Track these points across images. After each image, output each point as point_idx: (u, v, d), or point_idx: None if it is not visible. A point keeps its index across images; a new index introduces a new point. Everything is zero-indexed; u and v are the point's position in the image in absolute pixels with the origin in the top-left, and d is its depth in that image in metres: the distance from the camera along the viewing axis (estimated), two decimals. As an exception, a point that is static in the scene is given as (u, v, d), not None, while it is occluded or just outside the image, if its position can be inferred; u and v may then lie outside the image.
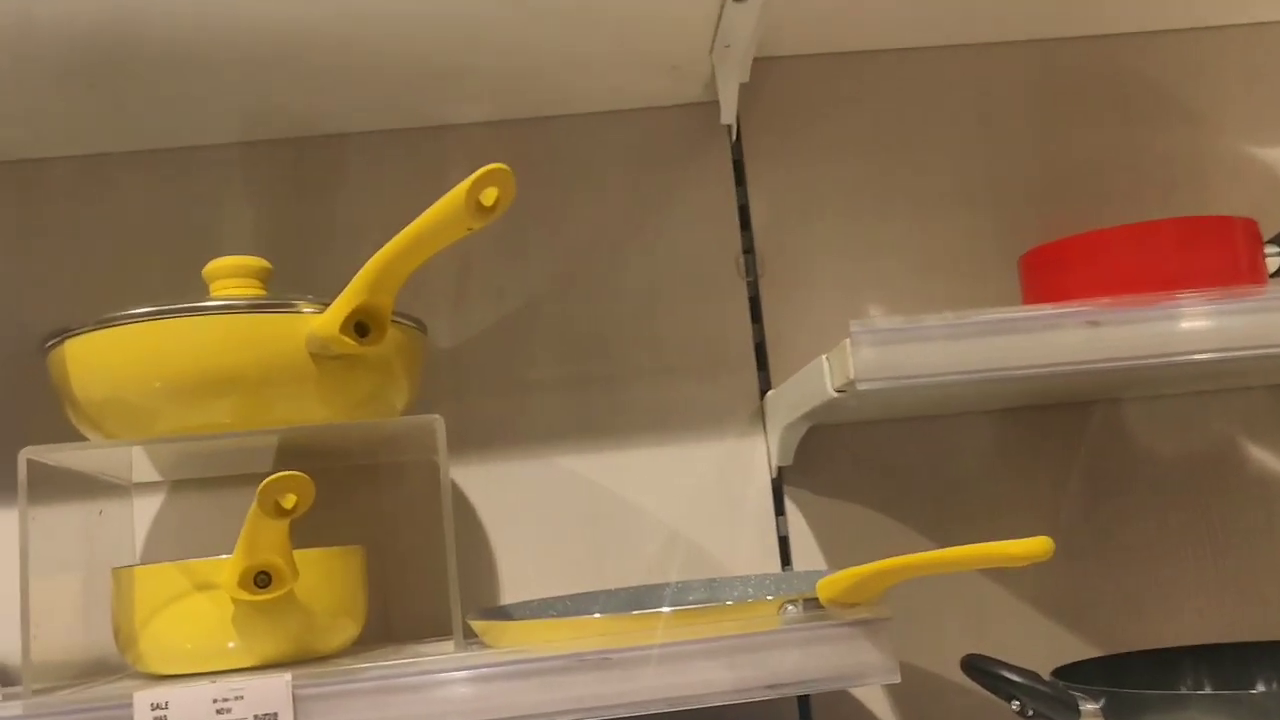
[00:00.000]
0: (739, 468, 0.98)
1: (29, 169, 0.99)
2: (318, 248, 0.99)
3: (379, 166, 1.01)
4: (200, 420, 0.75)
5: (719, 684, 0.66)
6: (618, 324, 1.00)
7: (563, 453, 0.98)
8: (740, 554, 0.97)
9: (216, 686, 0.63)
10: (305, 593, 0.76)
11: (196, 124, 0.98)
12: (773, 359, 1.00)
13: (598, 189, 1.02)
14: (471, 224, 0.66)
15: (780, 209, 1.02)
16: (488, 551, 0.96)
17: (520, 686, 0.65)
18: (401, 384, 0.81)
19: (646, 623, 0.68)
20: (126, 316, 0.74)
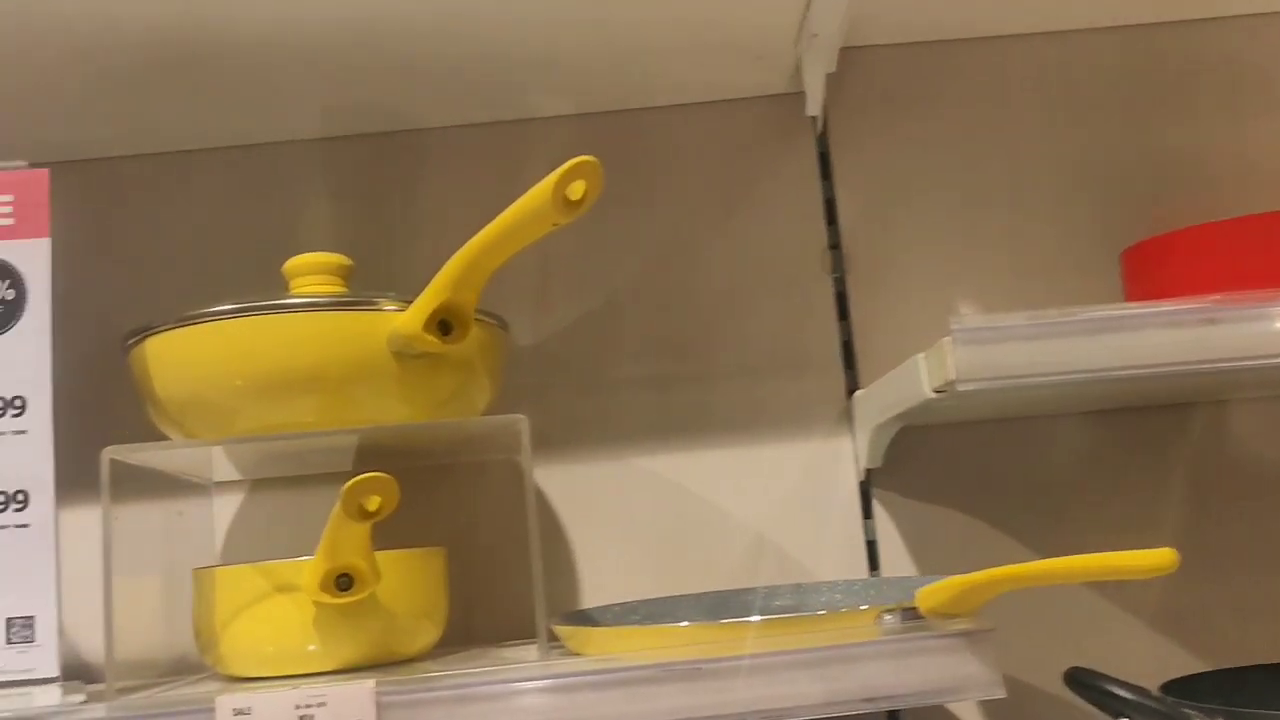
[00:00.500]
0: (825, 469, 0.95)
1: (110, 167, 0.99)
2: (399, 244, 0.98)
3: (460, 161, 0.99)
4: (281, 419, 0.74)
5: (812, 696, 0.63)
6: (701, 322, 0.97)
7: (645, 453, 0.95)
8: (826, 558, 0.94)
9: (299, 693, 0.62)
10: (387, 595, 0.74)
11: (276, 120, 0.97)
12: (860, 357, 0.97)
13: (680, 182, 0.99)
14: (558, 219, 0.64)
15: (867, 203, 0.99)
16: (568, 553, 0.94)
17: (605, 697, 0.63)
18: (484, 383, 0.80)
19: (736, 632, 0.66)
20: (207, 314, 0.73)
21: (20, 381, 0.71)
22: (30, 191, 0.74)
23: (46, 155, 0.95)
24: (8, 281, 0.72)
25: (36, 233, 0.73)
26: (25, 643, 0.69)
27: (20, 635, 0.69)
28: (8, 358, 0.71)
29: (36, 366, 0.71)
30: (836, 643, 0.63)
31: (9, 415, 0.71)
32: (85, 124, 0.94)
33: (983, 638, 0.62)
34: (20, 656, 0.69)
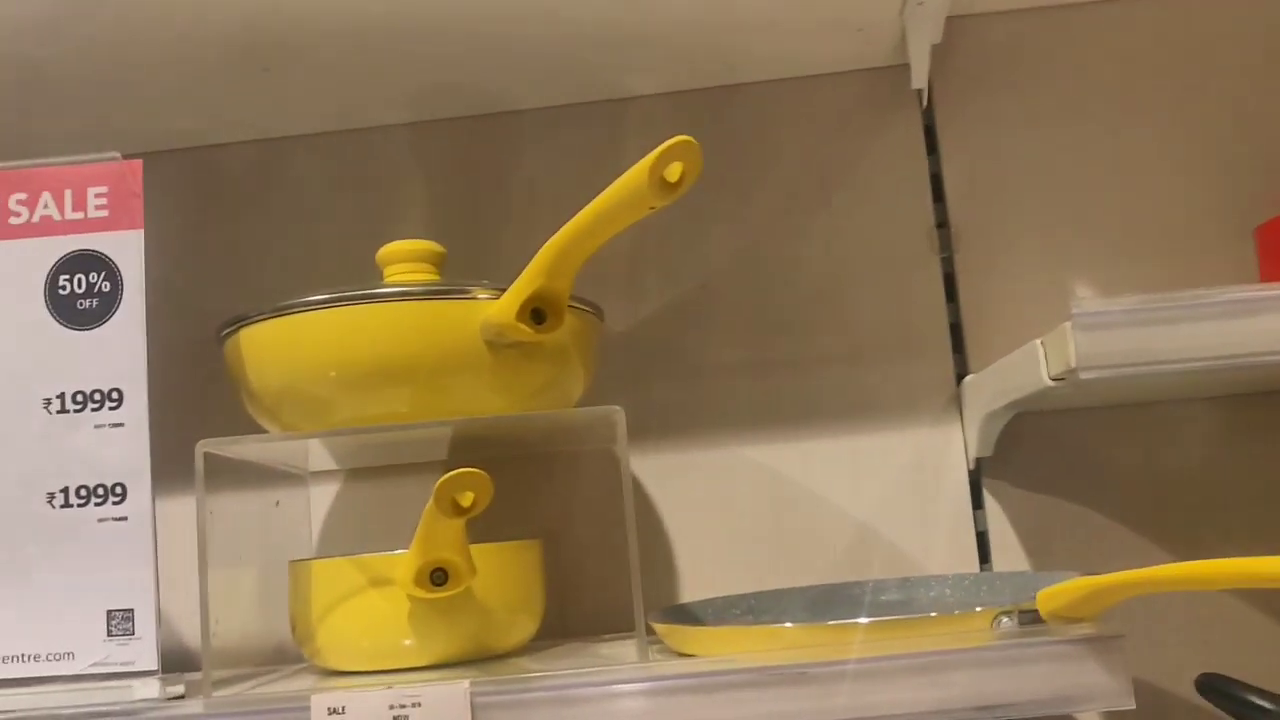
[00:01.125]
0: (933, 458, 0.91)
1: (204, 156, 0.99)
2: (491, 229, 0.96)
3: (553, 143, 0.97)
4: (376, 410, 0.73)
5: (923, 703, 0.60)
6: (802, 305, 0.94)
7: (744, 441, 0.93)
8: (935, 551, 0.90)
9: (394, 693, 0.61)
10: (482, 589, 0.73)
11: (368, 105, 0.96)
12: (970, 341, 0.92)
13: (780, 161, 0.96)
14: (655, 202, 0.61)
15: (976, 179, 0.94)
16: (665, 544, 0.92)
17: (707, 700, 0.60)
18: (578, 372, 0.78)
19: (843, 633, 0.63)
20: (300, 304, 0.72)
21: (116, 374, 0.71)
22: (124, 183, 0.73)
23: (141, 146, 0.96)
24: (103, 273, 0.72)
25: (131, 224, 0.73)
26: (125, 635, 0.69)
27: (120, 628, 0.69)
28: (104, 350, 0.71)
29: (132, 359, 0.71)
30: (949, 647, 0.60)
31: (106, 408, 0.70)
32: (179, 114, 0.94)
33: (1110, 644, 0.58)
34: (121, 649, 0.69)
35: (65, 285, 0.72)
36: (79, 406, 0.71)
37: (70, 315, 0.71)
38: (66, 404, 0.71)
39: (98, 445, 0.70)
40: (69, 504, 0.70)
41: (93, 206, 0.73)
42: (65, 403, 0.71)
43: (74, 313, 0.71)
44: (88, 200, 0.73)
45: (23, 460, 0.70)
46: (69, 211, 0.73)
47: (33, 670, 0.69)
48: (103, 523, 0.70)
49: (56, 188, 0.73)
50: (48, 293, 0.72)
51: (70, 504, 0.70)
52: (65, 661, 0.69)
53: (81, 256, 0.72)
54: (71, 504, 0.70)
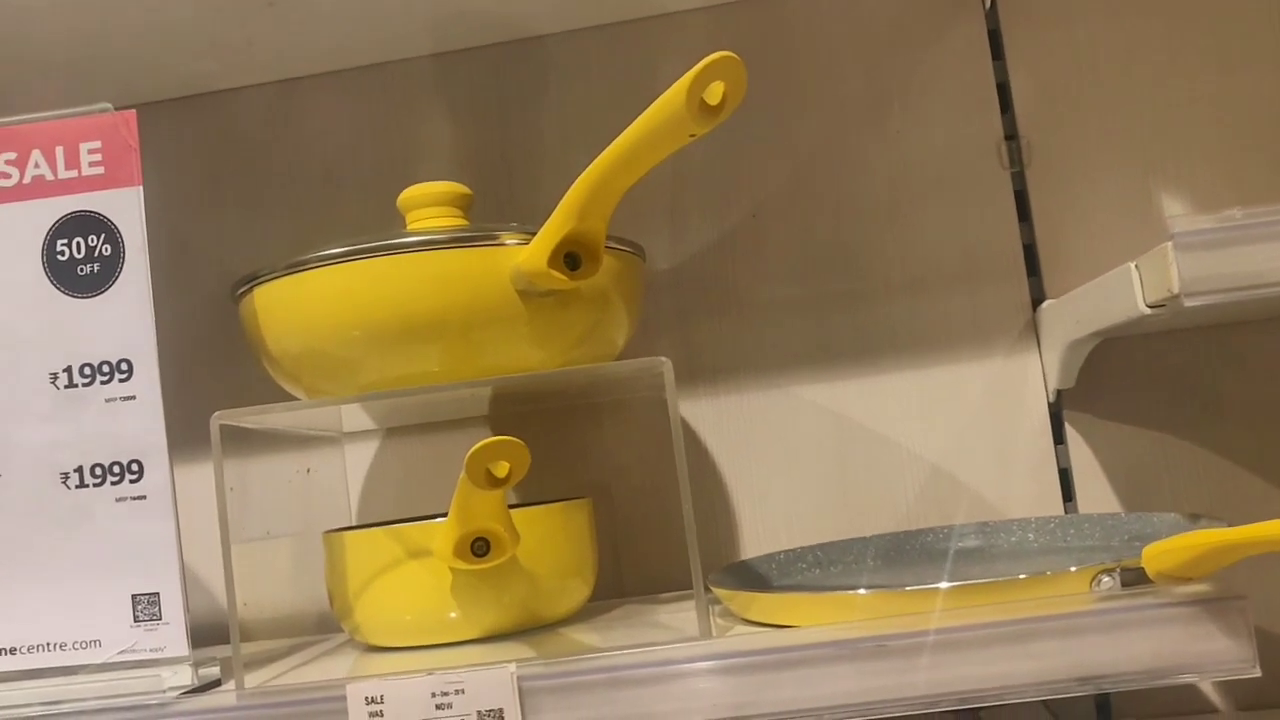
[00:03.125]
0: (1009, 391, 0.84)
1: (220, 101, 0.94)
2: (522, 165, 0.90)
3: (584, 69, 0.90)
4: (404, 369, 0.67)
5: (1016, 676, 0.54)
6: (860, 231, 0.87)
7: (802, 381, 0.86)
8: (1014, 492, 0.84)
9: (435, 679, 0.56)
10: (528, 556, 0.68)
11: (385, 37, 0.89)
12: (1045, 263, 0.85)
13: (831, 76, 0.88)
14: (695, 129, 0.55)
15: (1047, 84, 0.86)
16: (723, 495, 0.86)
17: (775, 679, 0.55)
18: (621, 317, 0.72)
19: (924, 600, 0.57)
20: (315, 259, 0.67)
21: (124, 343, 0.66)
22: (119, 136, 0.67)
23: (149, 94, 0.91)
24: (102, 235, 0.66)
25: (128, 180, 0.67)
26: (152, 620, 0.65)
27: (146, 613, 0.65)
28: (109, 319, 0.66)
29: (140, 326, 0.66)
30: (1044, 613, 0.54)
31: (116, 380, 0.66)
32: (190, 57, 0.88)
33: (1231, 606, 0.52)
34: (149, 635, 0.65)
35: (64, 250, 0.66)
36: (87, 380, 0.66)
37: (71, 282, 0.66)
38: (74, 378, 0.66)
39: (109, 420, 0.65)
40: (84, 483, 0.65)
41: (87, 163, 0.67)
42: (73, 376, 0.66)
43: (75, 279, 0.66)
44: (81, 157, 0.67)
45: (33, 439, 0.66)
46: (62, 170, 0.67)
47: (60, 659, 0.65)
48: (121, 502, 0.65)
49: (47, 145, 0.67)
50: (46, 259, 0.66)
51: (85, 483, 0.65)
52: (92, 650, 0.65)
53: (79, 218, 0.67)
54: (87, 483, 0.65)
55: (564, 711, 0.55)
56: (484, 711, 0.55)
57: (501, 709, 0.55)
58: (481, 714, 0.55)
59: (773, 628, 0.61)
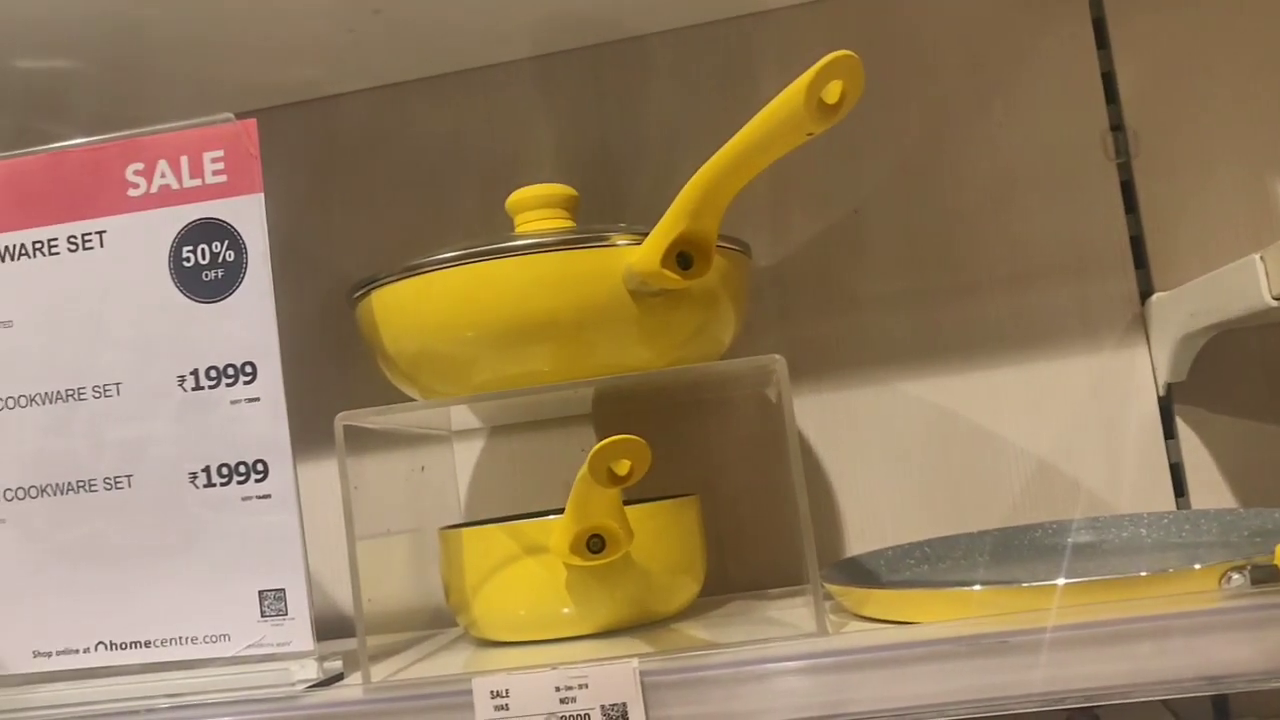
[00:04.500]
0: (1116, 386, 0.83)
1: (325, 107, 0.96)
2: (625, 165, 0.90)
3: (684, 68, 0.90)
4: (517, 369, 0.68)
5: (1142, 675, 0.53)
6: (964, 225, 0.86)
7: (906, 376, 0.86)
8: (1123, 487, 0.82)
9: (559, 674, 0.57)
10: (641, 552, 0.69)
11: (487, 41, 0.91)
12: (1153, 256, 0.84)
13: (933, 69, 0.87)
14: (812, 128, 0.55)
15: (1155, 72, 0.85)
16: (826, 491, 0.86)
17: (896, 675, 0.55)
18: (728, 316, 0.72)
19: (1043, 596, 0.57)
20: (431, 262, 0.68)
21: (248, 347, 0.68)
22: (240, 145, 0.69)
23: (256, 102, 0.93)
24: (226, 242, 0.68)
25: (250, 188, 0.69)
26: (278, 615, 0.67)
27: (273, 609, 0.67)
28: (233, 322, 0.68)
29: (262, 329, 0.68)
30: (1173, 611, 0.53)
31: (240, 383, 0.68)
32: (295, 64, 0.90)
33: (1369, 605, 0.51)
34: (275, 630, 0.67)
35: (189, 257, 0.69)
36: (213, 383, 0.68)
37: (196, 288, 0.68)
38: (201, 381, 0.68)
39: (235, 422, 0.67)
40: (211, 483, 0.68)
41: (210, 172, 0.69)
42: (199, 379, 0.68)
43: (200, 285, 0.68)
44: (204, 166, 0.69)
45: (163, 441, 0.68)
46: (187, 179, 0.69)
47: (190, 653, 0.67)
48: (246, 501, 0.67)
49: (172, 155, 0.70)
50: (172, 266, 0.69)
51: (213, 483, 0.68)
52: (221, 643, 0.67)
53: (203, 226, 0.69)
54: (214, 483, 0.68)
55: (687, 706, 0.56)
56: (607, 706, 0.56)
57: (625, 703, 0.56)
58: (605, 708, 0.56)
59: (888, 624, 0.61)
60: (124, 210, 0.70)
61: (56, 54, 0.85)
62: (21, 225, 0.71)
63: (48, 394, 0.70)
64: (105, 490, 0.69)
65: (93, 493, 0.69)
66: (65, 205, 0.71)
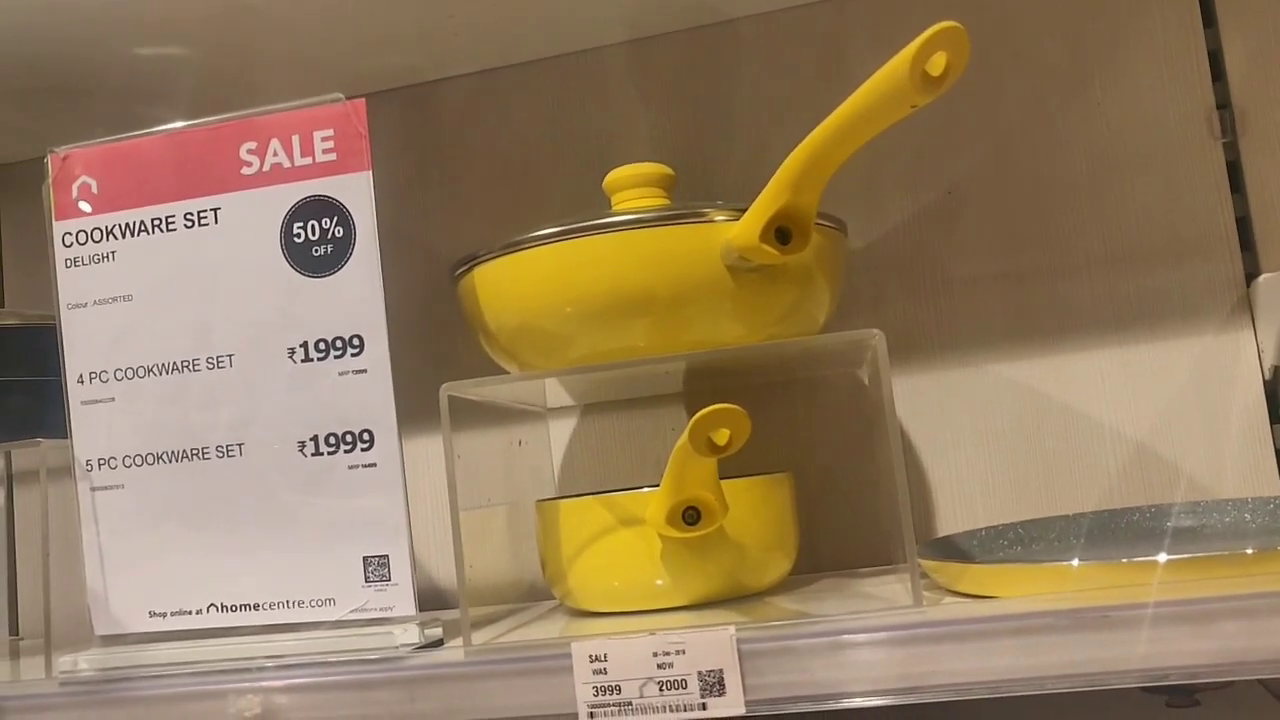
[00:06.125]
0: (1220, 369, 0.82)
1: (424, 93, 0.98)
2: (717, 147, 0.91)
3: (775, 51, 0.91)
4: (614, 344, 0.69)
5: (1247, 653, 0.53)
6: (1060, 206, 0.85)
7: (1000, 359, 0.85)
8: (1226, 472, 0.81)
9: (656, 639, 0.58)
10: (735, 526, 0.69)
11: (582, 27, 0.92)
12: (1260, 236, 0.82)
13: (1031, 47, 0.87)
14: (916, 99, 0.55)
15: (1262, 49, 0.83)
16: (919, 472, 0.86)
17: (996, 647, 0.55)
18: (823, 293, 0.72)
19: (1142, 572, 0.57)
20: (531, 239, 0.70)
21: (356, 320, 0.70)
22: (349, 124, 0.71)
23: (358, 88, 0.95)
24: (335, 218, 0.71)
25: (359, 166, 0.71)
26: (382, 581, 0.68)
27: (377, 574, 0.69)
28: (342, 296, 0.70)
29: (370, 303, 0.70)
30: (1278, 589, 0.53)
31: (348, 355, 0.70)
32: (396, 50, 0.92)
33: None
34: (379, 595, 0.68)
35: (299, 233, 0.71)
36: (322, 355, 0.70)
37: (307, 263, 0.71)
38: (310, 353, 0.70)
39: (342, 393, 0.69)
40: (319, 452, 0.70)
41: (320, 150, 0.71)
42: (309, 351, 0.70)
43: (310, 260, 0.71)
44: (315, 144, 0.71)
45: (274, 411, 0.70)
46: (298, 157, 0.71)
47: (297, 616, 0.69)
48: (353, 469, 0.69)
49: (284, 134, 0.72)
50: (284, 241, 0.71)
51: (321, 452, 0.70)
52: (327, 607, 0.69)
53: (314, 203, 0.71)
54: (322, 452, 0.70)
55: (783, 674, 0.57)
56: (704, 672, 0.57)
57: (722, 669, 0.57)
58: (702, 674, 0.57)
59: (983, 599, 0.61)
60: (238, 188, 0.72)
61: (168, 41, 0.88)
62: (141, 203, 0.74)
63: (165, 365, 0.73)
64: (218, 458, 0.71)
65: (205, 460, 0.72)
66: (182, 183, 0.73)
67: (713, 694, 0.57)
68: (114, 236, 0.74)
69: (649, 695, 0.57)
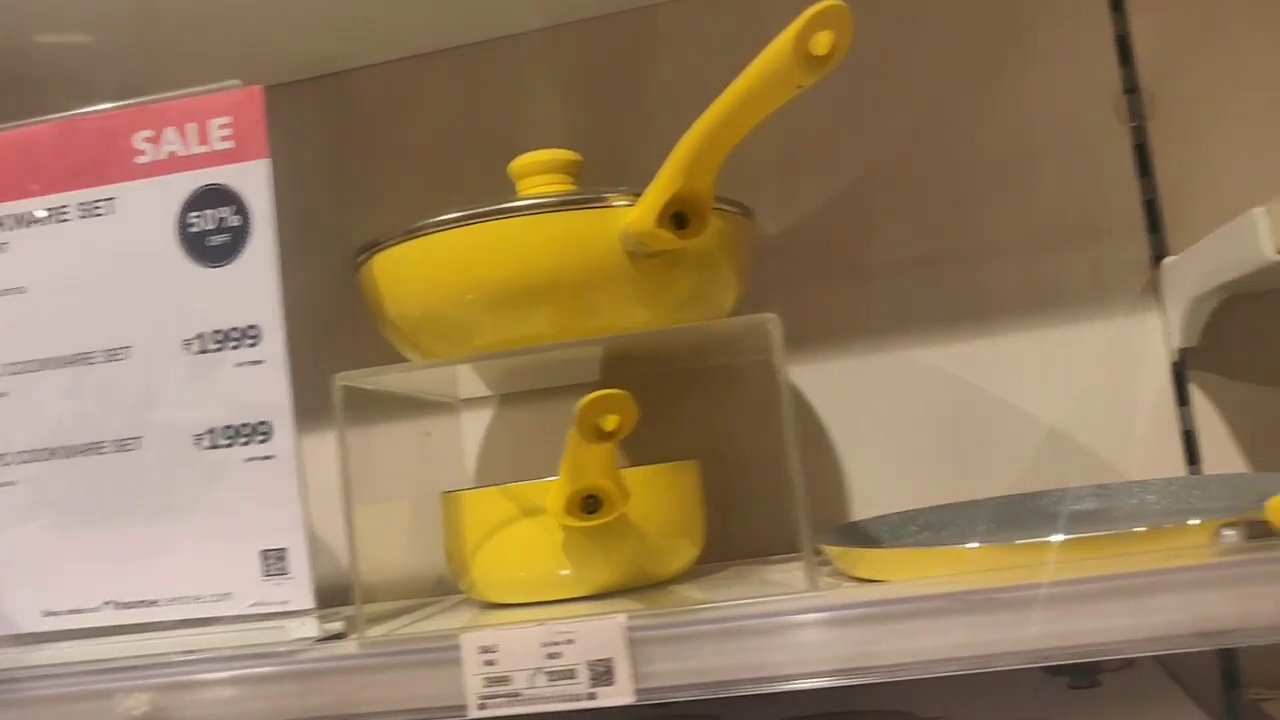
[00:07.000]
0: (1128, 351, 0.82)
1: (338, 82, 0.97)
2: (634, 133, 0.90)
3: (692, 37, 0.90)
4: (518, 331, 0.69)
5: (1134, 630, 0.53)
6: (973, 190, 0.85)
7: (914, 344, 0.85)
8: (1134, 454, 0.81)
9: (545, 629, 0.57)
10: (639, 514, 0.69)
11: (498, 13, 0.91)
12: (1168, 218, 0.82)
13: (944, 32, 0.87)
14: (801, 80, 0.54)
15: (1170, 32, 0.83)
16: (833, 458, 0.86)
17: (885, 631, 0.55)
18: (728, 278, 0.72)
19: (1037, 553, 0.56)
20: (431, 225, 0.69)
21: (252, 310, 0.68)
22: (247, 111, 0.70)
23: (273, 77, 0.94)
24: (233, 207, 0.69)
25: (257, 154, 0.70)
26: (280, 575, 0.67)
27: (274, 568, 0.67)
28: (238, 286, 0.69)
29: (267, 294, 0.68)
30: (1163, 566, 0.53)
31: (245, 345, 0.68)
32: (309, 38, 0.91)
33: (1359, 559, 0.50)
34: (276, 589, 0.67)
35: (195, 222, 0.69)
36: (218, 346, 0.69)
37: (202, 253, 0.69)
38: (206, 344, 0.69)
39: (239, 384, 0.68)
40: (216, 445, 0.68)
41: (217, 138, 0.70)
42: (205, 343, 0.69)
43: (206, 250, 0.69)
44: (211, 132, 0.70)
45: (169, 403, 0.69)
46: (194, 145, 0.70)
47: (195, 611, 0.68)
48: (250, 462, 0.68)
49: (180, 121, 0.70)
50: (179, 231, 0.70)
51: (217, 445, 0.69)
52: (225, 602, 0.68)
53: (210, 191, 0.70)
54: (218, 445, 0.69)
55: (674, 662, 0.56)
56: (594, 661, 0.57)
57: (611, 659, 0.56)
58: (591, 663, 0.57)
59: (879, 584, 0.61)
60: (132, 177, 0.71)
61: (69, 30, 0.86)
62: (34, 193, 0.72)
63: (59, 358, 0.71)
64: (114, 453, 0.70)
65: (101, 454, 0.70)
66: (76, 173, 0.72)
67: (602, 683, 0.56)
68: (4, 228, 0.72)
69: (538, 685, 0.57)
